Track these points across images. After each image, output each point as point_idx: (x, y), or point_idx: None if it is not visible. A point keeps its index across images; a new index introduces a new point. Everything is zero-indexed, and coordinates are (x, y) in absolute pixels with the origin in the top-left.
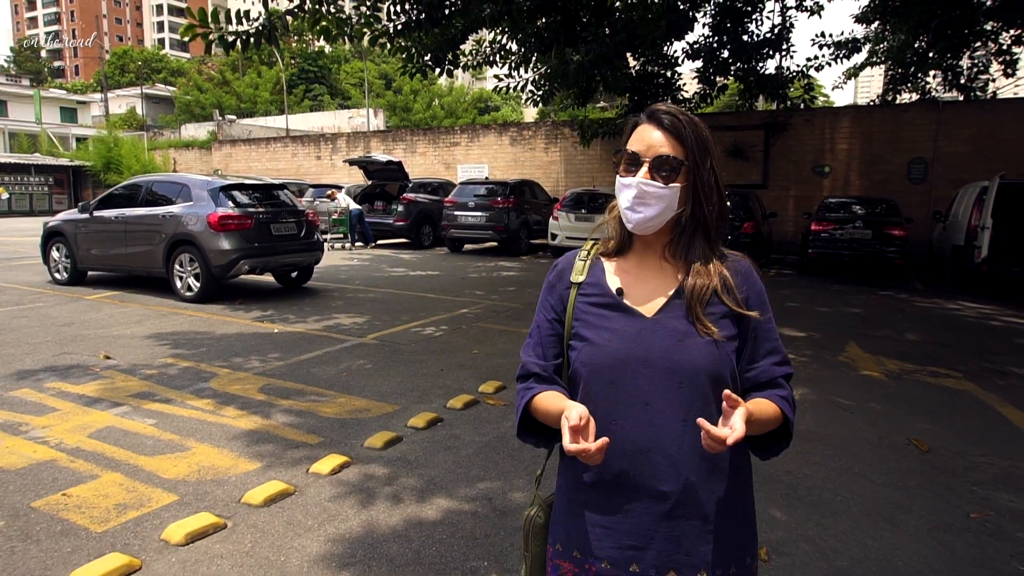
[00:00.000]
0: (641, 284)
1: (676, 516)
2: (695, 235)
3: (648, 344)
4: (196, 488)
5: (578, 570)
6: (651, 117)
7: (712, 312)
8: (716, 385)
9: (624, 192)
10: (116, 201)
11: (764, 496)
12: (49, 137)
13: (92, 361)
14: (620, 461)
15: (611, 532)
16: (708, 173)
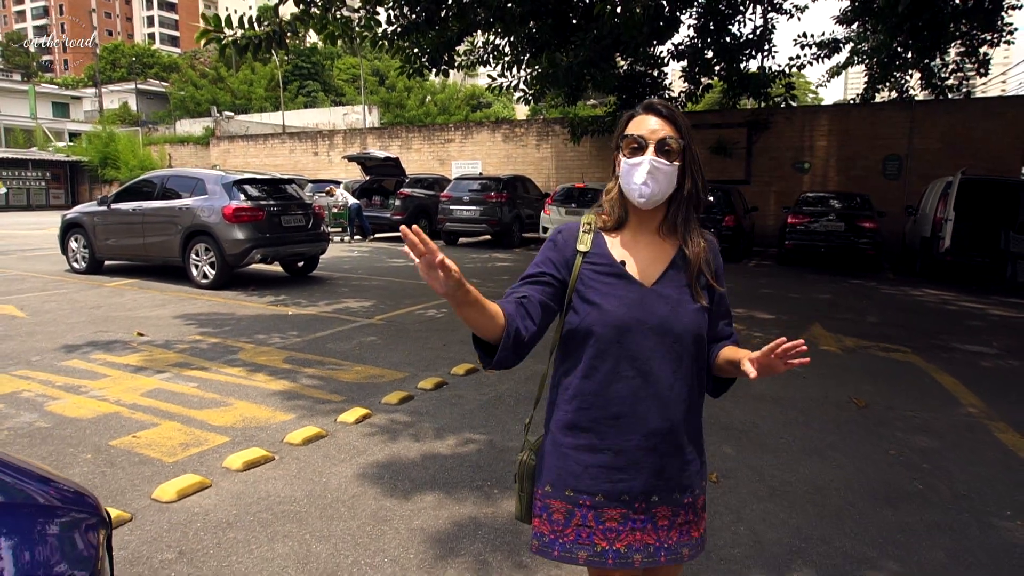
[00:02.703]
0: (639, 257)
1: (662, 451)
2: (688, 211)
3: (649, 310)
4: (243, 432)
5: (570, 506)
6: (649, 108)
7: (699, 282)
8: (697, 343)
9: (634, 171)
10: (133, 194)
11: (718, 439)
12: (44, 132)
13: (128, 338)
14: (620, 405)
15: (604, 469)
16: (695, 154)
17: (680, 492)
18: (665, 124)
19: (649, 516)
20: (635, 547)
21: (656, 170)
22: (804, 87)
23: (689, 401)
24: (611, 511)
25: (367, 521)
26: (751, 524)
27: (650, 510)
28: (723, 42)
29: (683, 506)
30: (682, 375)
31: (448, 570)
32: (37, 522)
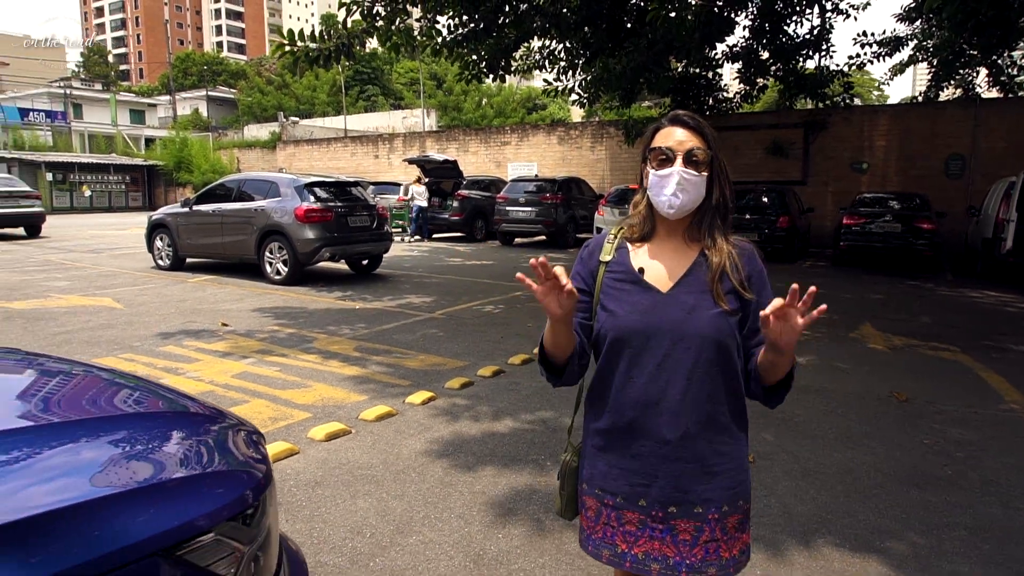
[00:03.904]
0: (659, 263)
1: (676, 459)
2: (713, 218)
3: (662, 315)
4: (323, 410)
5: (599, 504)
6: (675, 120)
7: (722, 287)
8: (717, 350)
9: (663, 183)
10: (213, 197)
11: (758, 426)
12: (124, 138)
13: (214, 327)
14: (633, 411)
15: (624, 471)
16: (722, 163)
17: (703, 506)
18: (692, 135)
19: (668, 527)
20: (653, 555)
21: (685, 181)
22: (869, 84)
23: (708, 410)
24: (630, 514)
25: (435, 485)
26: (782, 498)
27: (668, 520)
28: (779, 42)
29: (708, 522)
30: (697, 382)
31: (507, 525)
32: (205, 426)
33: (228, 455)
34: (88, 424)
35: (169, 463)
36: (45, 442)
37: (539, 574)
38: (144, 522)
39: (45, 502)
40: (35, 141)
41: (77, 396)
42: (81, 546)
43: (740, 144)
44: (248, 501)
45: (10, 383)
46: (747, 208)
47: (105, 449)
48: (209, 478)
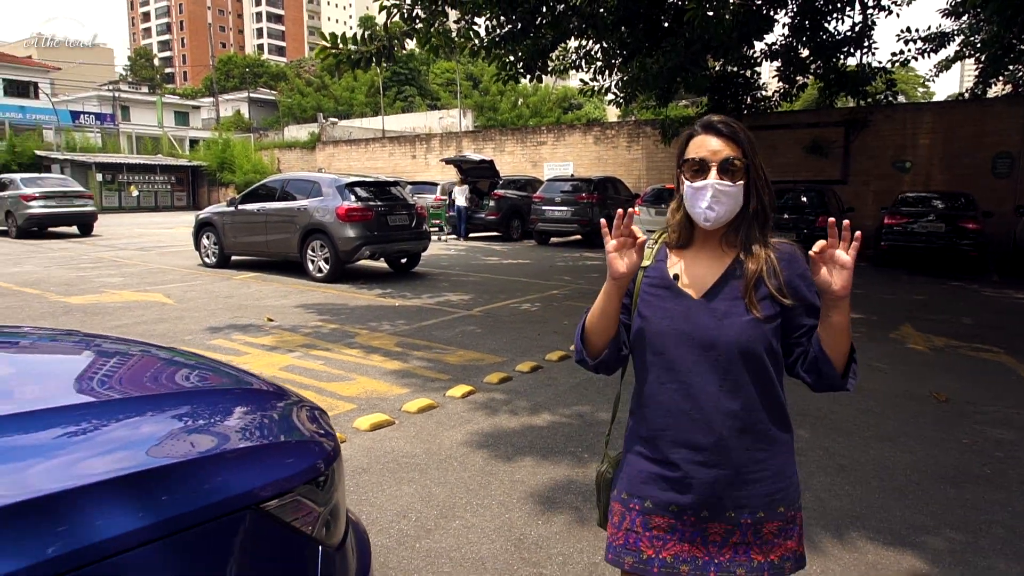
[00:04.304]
0: (695, 270)
1: (710, 465)
2: (751, 225)
3: (693, 322)
4: (367, 401)
5: (624, 509)
6: (708, 128)
7: (757, 294)
8: (749, 358)
9: (698, 195)
10: (257, 197)
11: (794, 423)
12: (169, 140)
13: (260, 322)
14: (666, 418)
15: (655, 476)
16: (760, 169)
17: (736, 511)
18: (726, 143)
19: (699, 530)
20: (683, 557)
21: (720, 192)
22: (914, 80)
23: (743, 418)
24: (658, 519)
25: (476, 473)
26: (816, 493)
27: (700, 524)
28: (819, 40)
29: (740, 525)
30: (729, 389)
31: (546, 513)
32: (272, 402)
33: (298, 428)
34: (176, 397)
35: (250, 432)
36: (141, 411)
37: (577, 559)
38: (237, 480)
39: (159, 458)
40: (86, 143)
41: (160, 372)
42: (191, 496)
43: (778, 143)
44: (320, 469)
45: (83, 362)
46: (785, 208)
47: (194, 418)
48: (286, 447)
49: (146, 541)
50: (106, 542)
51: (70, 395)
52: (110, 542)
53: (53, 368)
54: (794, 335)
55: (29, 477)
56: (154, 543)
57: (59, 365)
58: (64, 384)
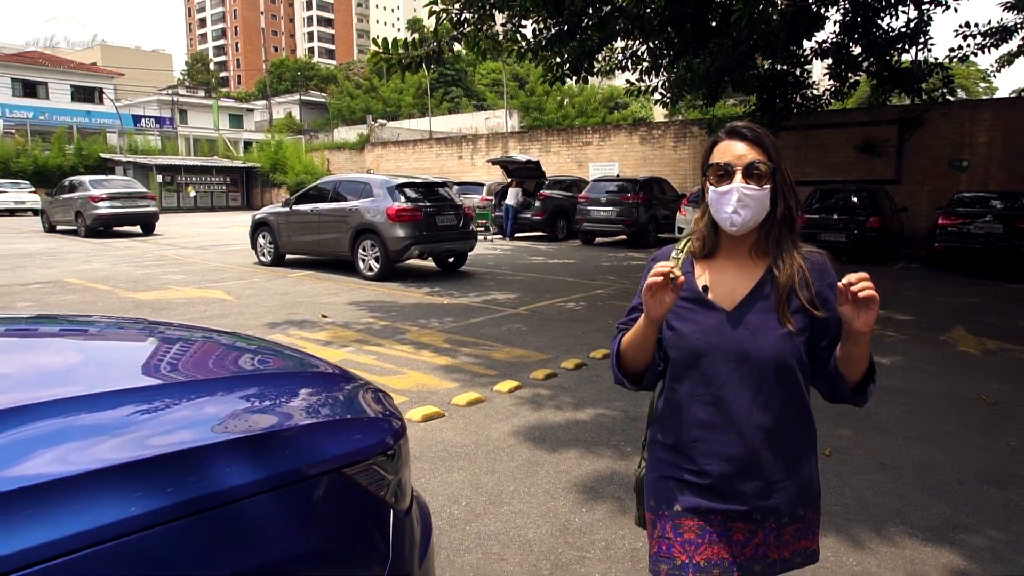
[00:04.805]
0: (724, 281)
1: (742, 476)
2: (781, 231)
3: (725, 335)
4: (418, 395)
5: (654, 517)
6: (732, 133)
7: (790, 306)
8: (781, 372)
9: (723, 199)
10: (310, 197)
11: (836, 423)
12: (225, 142)
13: (315, 319)
14: (698, 430)
15: (684, 484)
16: (785, 173)
17: (761, 515)
18: (752, 148)
19: (725, 529)
20: (713, 561)
21: (746, 196)
22: (976, 76)
23: (775, 431)
24: (689, 522)
25: (523, 464)
26: (856, 490)
27: (727, 523)
28: (872, 36)
29: (763, 528)
30: (762, 403)
31: (590, 502)
32: (340, 384)
33: (368, 407)
34: (263, 378)
35: (328, 408)
36: (237, 388)
37: (619, 544)
38: (323, 448)
39: (260, 427)
40: (146, 145)
41: (245, 356)
42: (289, 459)
43: (829, 142)
44: (389, 444)
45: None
46: (835, 208)
47: (282, 395)
48: (360, 422)
49: (257, 492)
50: (228, 490)
51: (180, 375)
52: (231, 490)
53: (146, 352)
54: (819, 345)
55: (165, 437)
56: (264, 494)
57: (148, 350)
58: (167, 365)
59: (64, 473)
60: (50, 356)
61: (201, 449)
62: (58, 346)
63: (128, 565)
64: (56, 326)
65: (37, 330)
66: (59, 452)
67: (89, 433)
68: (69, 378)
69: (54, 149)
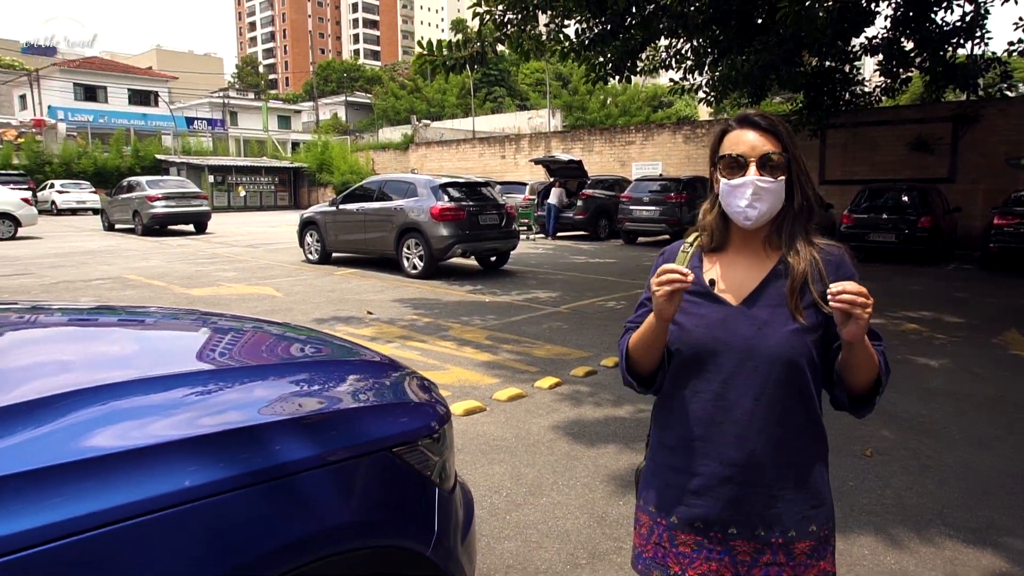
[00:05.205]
0: (733, 275)
1: (740, 481)
2: (794, 224)
3: (731, 330)
4: (460, 389)
5: (652, 523)
6: (744, 122)
7: (801, 301)
8: (788, 370)
9: (736, 192)
10: (356, 197)
11: (878, 424)
12: (273, 143)
13: (360, 315)
14: (697, 428)
15: (682, 491)
16: (801, 163)
17: (765, 528)
18: (766, 137)
19: (727, 548)
20: None
21: (761, 189)
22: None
23: (778, 433)
24: (684, 535)
25: (562, 457)
26: (897, 491)
27: (728, 542)
28: (925, 31)
29: (770, 545)
30: (766, 403)
31: (627, 495)
32: (388, 371)
33: (415, 393)
34: (315, 365)
35: (378, 393)
36: (291, 374)
37: None
38: (374, 429)
39: (315, 408)
40: (199, 146)
41: (285, 345)
42: (342, 437)
43: (879, 140)
44: (434, 428)
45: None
46: (885, 208)
47: (334, 380)
48: (408, 406)
49: (311, 467)
50: (283, 465)
51: (233, 361)
52: (286, 465)
53: (200, 340)
54: (832, 345)
55: (222, 416)
56: (317, 469)
57: (203, 338)
58: (222, 352)
59: (127, 446)
60: (111, 343)
61: (257, 427)
62: (118, 334)
63: (192, 529)
64: (117, 316)
65: (98, 320)
66: (123, 428)
67: (151, 412)
68: (128, 363)
69: (113, 151)
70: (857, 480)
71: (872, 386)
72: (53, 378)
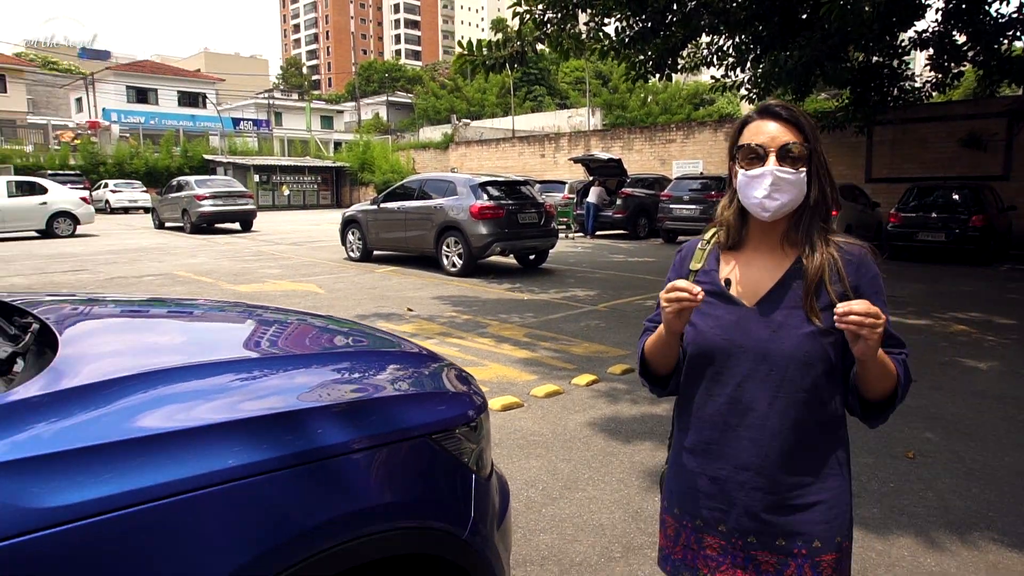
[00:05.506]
0: (750, 274)
1: (755, 487)
2: (812, 219)
3: (744, 332)
4: (498, 386)
5: (678, 525)
6: (765, 112)
7: (818, 302)
8: (804, 373)
9: (755, 183)
10: (397, 196)
11: (922, 427)
12: (316, 143)
13: (401, 312)
14: (712, 431)
15: (702, 494)
16: (822, 156)
17: (786, 539)
18: (786, 128)
19: (749, 557)
20: None
21: (781, 180)
22: None
23: (793, 438)
24: (710, 539)
25: (598, 453)
26: (941, 493)
27: (748, 551)
28: (979, 24)
29: (793, 556)
30: (780, 407)
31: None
32: (427, 362)
33: (453, 383)
34: (355, 355)
35: (417, 383)
36: (332, 362)
37: None
38: (414, 417)
39: (356, 395)
40: (244, 147)
41: (328, 336)
42: (381, 424)
43: (929, 137)
44: (472, 417)
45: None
46: (934, 206)
47: (374, 369)
48: (446, 396)
49: (351, 451)
50: (324, 448)
51: (278, 350)
52: (327, 448)
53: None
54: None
55: (267, 401)
56: (357, 453)
57: (249, 328)
58: (267, 342)
59: (174, 427)
60: (161, 332)
61: (298, 412)
62: (168, 324)
63: (237, 506)
64: (167, 308)
65: (149, 311)
66: (170, 410)
67: (197, 396)
68: (177, 350)
69: (163, 151)
70: (898, 482)
71: (888, 397)
72: (108, 363)
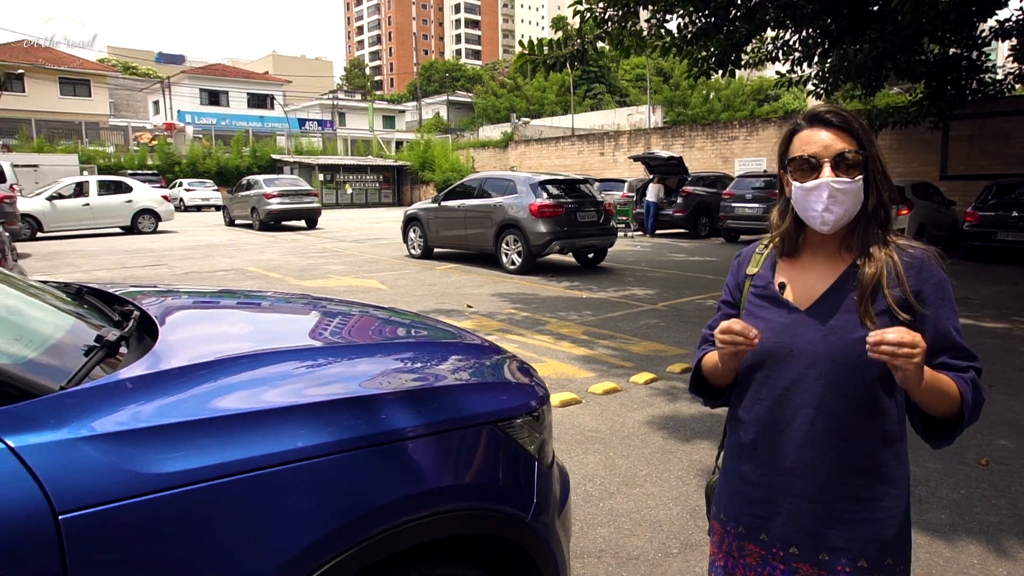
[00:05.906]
0: (804, 279)
1: (798, 495)
2: (869, 226)
3: (795, 336)
4: (557, 382)
5: (723, 530)
6: (815, 119)
7: (874, 306)
8: (853, 380)
9: (811, 196)
10: (458, 194)
11: (996, 434)
12: (379, 142)
13: (461, 308)
14: (760, 435)
15: (746, 500)
16: (878, 161)
17: (829, 554)
18: (839, 135)
19: (789, 569)
20: None
21: (837, 191)
22: None
23: (841, 447)
24: (751, 547)
25: (656, 451)
26: (1014, 501)
27: (789, 562)
28: None
29: (836, 573)
30: (828, 414)
31: None
32: (489, 354)
33: (515, 374)
34: (423, 345)
35: (482, 373)
36: (399, 352)
37: None
38: (479, 405)
39: (424, 383)
40: (310, 146)
41: (392, 327)
42: (448, 410)
43: (1011, 132)
44: (534, 407)
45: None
46: (1016, 205)
47: (440, 359)
48: (510, 386)
49: (418, 436)
50: (391, 432)
51: (342, 339)
52: (394, 432)
53: (313, 321)
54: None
55: (331, 387)
56: (424, 437)
57: (315, 319)
58: (333, 331)
59: (244, 409)
60: (231, 322)
61: (361, 398)
62: (238, 315)
63: (307, 484)
64: (237, 299)
65: (219, 302)
66: (240, 396)
67: (264, 382)
68: (246, 338)
69: (233, 151)
70: (969, 489)
71: (954, 417)
72: (199, 349)
